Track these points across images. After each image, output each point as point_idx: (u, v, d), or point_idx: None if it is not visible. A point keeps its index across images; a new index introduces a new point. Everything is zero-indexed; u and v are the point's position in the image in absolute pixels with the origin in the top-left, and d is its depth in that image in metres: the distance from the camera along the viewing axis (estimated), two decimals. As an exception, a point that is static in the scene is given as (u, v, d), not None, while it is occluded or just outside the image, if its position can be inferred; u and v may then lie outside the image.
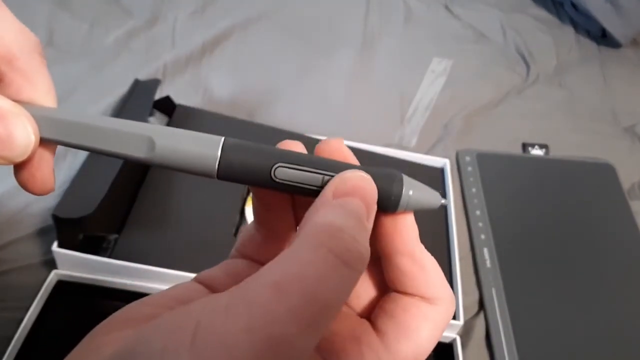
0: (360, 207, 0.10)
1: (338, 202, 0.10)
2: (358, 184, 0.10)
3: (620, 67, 0.57)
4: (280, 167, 0.11)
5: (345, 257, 0.09)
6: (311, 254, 0.08)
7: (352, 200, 0.10)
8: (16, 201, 0.35)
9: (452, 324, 0.31)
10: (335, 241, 0.09)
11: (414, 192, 0.11)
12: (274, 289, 0.08)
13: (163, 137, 0.11)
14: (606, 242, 0.39)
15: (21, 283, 0.31)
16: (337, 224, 0.09)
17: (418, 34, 0.58)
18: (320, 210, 0.10)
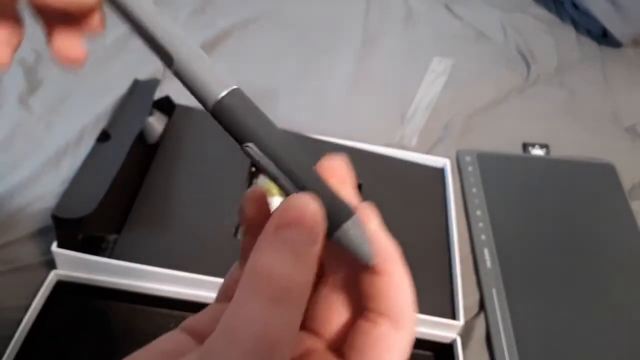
0: (298, 237, 0.10)
1: (276, 237, 0.10)
2: (299, 214, 0.10)
3: (621, 67, 0.57)
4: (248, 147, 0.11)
5: (279, 296, 0.09)
6: (248, 300, 0.09)
7: (290, 231, 0.10)
8: (16, 201, 0.35)
9: (453, 324, 0.31)
10: (266, 284, 0.09)
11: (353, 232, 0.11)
12: (225, 337, 0.09)
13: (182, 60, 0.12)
14: (607, 242, 0.39)
15: (20, 283, 0.31)
16: (267, 265, 0.09)
17: (418, 34, 0.58)
18: (258, 248, 0.10)
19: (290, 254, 0.10)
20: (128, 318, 0.30)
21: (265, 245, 0.10)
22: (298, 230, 0.10)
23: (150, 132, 0.37)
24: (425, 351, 0.31)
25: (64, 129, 0.41)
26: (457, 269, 0.34)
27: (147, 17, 0.12)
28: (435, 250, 0.36)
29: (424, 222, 0.37)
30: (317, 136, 0.41)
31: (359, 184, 0.38)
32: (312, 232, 0.10)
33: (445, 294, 0.33)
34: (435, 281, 0.34)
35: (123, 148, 0.32)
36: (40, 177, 0.37)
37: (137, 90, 0.38)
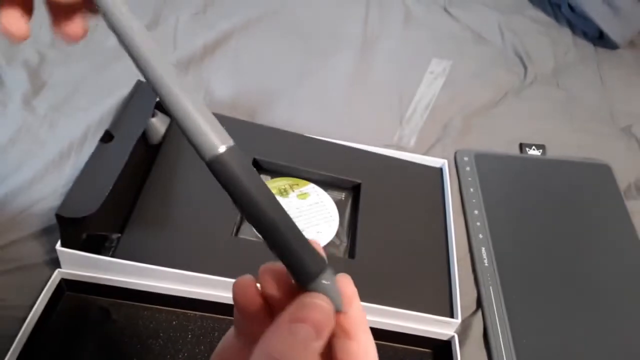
0: (308, 333, 0.11)
1: (289, 328, 0.12)
2: (311, 313, 0.12)
3: (617, 68, 0.57)
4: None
5: None
6: None
7: (302, 327, 0.11)
8: (20, 201, 0.36)
9: (450, 322, 0.31)
10: None
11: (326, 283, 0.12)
12: None
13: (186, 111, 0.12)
14: (603, 241, 0.39)
15: (25, 282, 0.31)
16: (279, 351, 0.11)
17: (417, 36, 0.58)
18: (271, 334, 0.12)
19: (300, 345, 0.11)
20: (131, 316, 0.31)
21: (278, 334, 0.11)
22: (308, 327, 0.11)
23: (153, 132, 0.37)
24: (423, 349, 0.32)
25: (67, 130, 0.41)
26: (455, 267, 0.34)
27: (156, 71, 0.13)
28: (433, 249, 0.36)
29: (422, 222, 0.38)
30: (317, 136, 0.41)
31: (358, 184, 0.39)
32: (319, 330, 0.12)
33: (443, 292, 0.34)
34: (433, 279, 0.34)
35: (126, 149, 0.33)
36: (44, 177, 0.38)
37: (139, 92, 0.39)
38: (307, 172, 0.38)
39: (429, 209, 0.39)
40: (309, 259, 0.12)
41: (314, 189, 0.38)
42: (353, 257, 0.34)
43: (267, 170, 0.39)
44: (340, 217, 0.36)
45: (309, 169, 0.38)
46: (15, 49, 0.48)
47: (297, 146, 0.40)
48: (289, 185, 0.38)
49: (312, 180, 0.39)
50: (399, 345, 0.32)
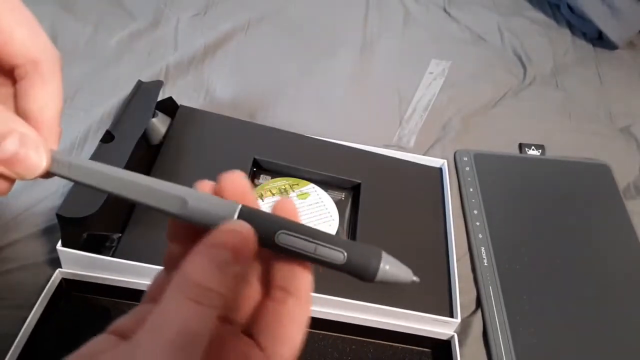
0: (225, 256, 0.12)
1: (207, 253, 0.12)
2: (230, 238, 0.12)
3: (616, 69, 0.57)
4: (282, 234, 0.13)
5: (200, 299, 0.11)
6: (173, 300, 0.11)
7: (219, 251, 0.12)
8: (21, 201, 0.36)
9: (450, 322, 0.31)
10: (190, 288, 0.11)
11: (390, 267, 0.13)
12: (151, 332, 0.11)
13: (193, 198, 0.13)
14: (602, 241, 0.39)
15: (26, 281, 0.31)
16: (194, 273, 0.12)
17: (417, 36, 0.58)
18: (190, 259, 0.12)
19: (215, 268, 0.12)
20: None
21: (197, 258, 0.12)
22: (225, 250, 0.12)
23: (154, 132, 0.38)
24: (423, 348, 0.32)
25: (68, 130, 0.41)
26: (455, 267, 0.34)
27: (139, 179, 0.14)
28: (433, 249, 0.36)
29: (422, 221, 0.38)
30: (317, 136, 0.41)
31: (358, 184, 0.39)
32: (236, 253, 0.12)
33: (443, 291, 0.34)
34: (433, 279, 0.34)
35: (127, 148, 0.33)
36: (45, 177, 0.38)
37: (140, 92, 0.39)
38: (307, 172, 0.38)
39: (429, 209, 0.39)
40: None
41: (314, 189, 0.38)
42: (353, 257, 0.34)
43: (267, 170, 0.39)
44: (340, 217, 0.37)
45: (309, 169, 0.38)
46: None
47: (297, 146, 0.40)
48: (289, 185, 0.38)
49: (312, 180, 0.39)
50: (399, 345, 0.32)
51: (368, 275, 0.13)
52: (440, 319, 0.31)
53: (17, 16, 0.13)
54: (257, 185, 0.38)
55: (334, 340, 0.31)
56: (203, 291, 0.11)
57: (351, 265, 0.13)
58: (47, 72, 0.14)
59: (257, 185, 0.38)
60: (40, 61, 0.13)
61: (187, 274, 0.12)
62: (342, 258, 0.13)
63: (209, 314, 0.12)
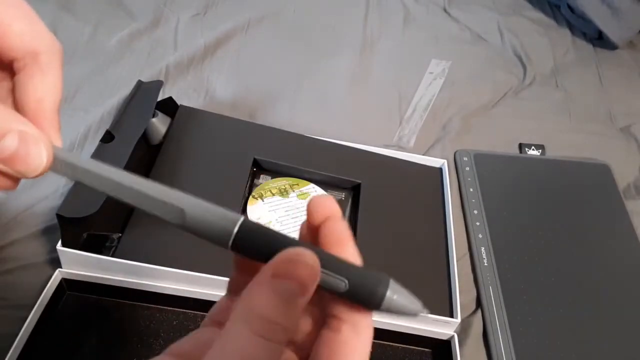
0: (293, 290, 0.11)
1: (271, 284, 0.11)
2: (297, 270, 0.11)
3: (616, 69, 0.57)
4: None
5: (267, 334, 0.11)
6: (239, 333, 0.11)
7: (284, 282, 0.11)
8: (21, 200, 0.36)
9: (450, 322, 0.31)
10: (257, 322, 0.11)
11: (397, 297, 0.12)
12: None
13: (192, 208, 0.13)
14: (602, 241, 0.39)
15: (26, 281, 0.31)
16: (260, 306, 0.11)
17: (417, 36, 0.58)
18: (253, 290, 0.11)
19: (281, 301, 0.11)
20: (131, 315, 0.31)
21: (261, 289, 0.11)
22: (292, 282, 0.11)
23: (154, 132, 0.38)
24: (423, 348, 0.32)
25: (68, 130, 0.41)
26: (455, 267, 0.34)
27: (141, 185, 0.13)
28: (433, 249, 0.36)
29: (422, 221, 0.38)
30: (317, 136, 0.41)
31: (358, 184, 0.39)
32: (303, 285, 0.11)
33: (443, 291, 0.34)
34: (433, 279, 0.34)
35: (127, 148, 0.33)
36: (45, 177, 0.37)
37: (140, 92, 0.39)
38: (307, 172, 0.38)
39: (429, 209, 0.39)
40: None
41: (314, 189, 0.38)
42: (353, 257, 0.34)
43: (267, 170, 0.39)
44: (340, 217, 0.37)
45: (309, 169, 0.38)
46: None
47: (297, 146, 0.40)
48: (289, 185, 0.38)
49: (312, 180, 0.39)
50: (399, 345, 0.32)
51: (373, 303, 0.12)
52: (440, 319, 0.31)
53: (14, 8, 0.13)
54: (257, 185, 0.38)
55: (334, 340, 0.31)
56: (269, 325, 0.11)
57: (355, 292, 0.12)
58: (45, 63, 0.13)
59: (257, 185, 0.38)
60: (39, 52, 0.13)
61: (253, 306, 0.11)
62: (344, 286, 0.12)
63: (274, 349, 0.11)
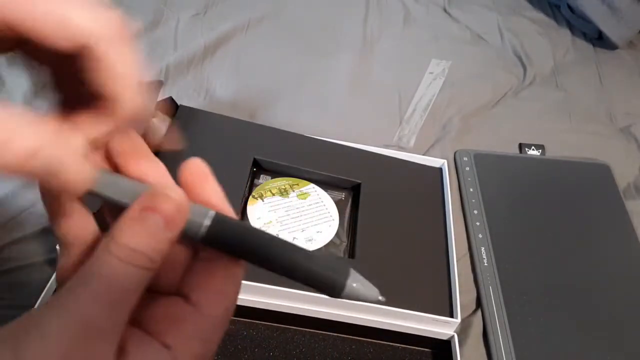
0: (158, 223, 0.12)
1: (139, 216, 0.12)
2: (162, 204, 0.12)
3: (616, 69, 0.57)
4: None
5: (129, 259, 0.11)
6: (104, 260, 0.11)
7: (152, 216, 0.12)
8: (21, 200, 0.36)
9: (450, 322, 0.31)
10: (121, 250, 0.11)
11: (356, 285, 0.13)
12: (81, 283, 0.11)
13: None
14: (602, 241, 0.39)
15: (26, 281, 0.31)
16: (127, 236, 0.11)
17: (417, 36, 0.58)
18: (121, 222, 0.12)
19: (147, 233, 0.12)
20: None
21: (128, 222, 0.12)
22: (158, 217, 0.12)
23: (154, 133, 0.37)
24: (423, 348, 0.32)
25: (67, 130, 0.41)
26: (455, 267, 0.34)
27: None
28: (433, 249, 0.36)
29: (422, 221, 0.38)
30: (317, 136, 0.41)
31: (358, 184, 0.39)
32: (169, 219, 0.12)
33: (443, 291, 0.34)
34: (433, 279, 0.34)
35: (127, 148, 0.33)
36: (45, 177, 0.38)
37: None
38: (307, 172, 0.38)
39: (429, 209, 0.39)
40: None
41: (314, 189, 0.38)
42: (353, 257, 0.34)
43: (267, 170, 0.39)
44: (340, 217, 0.37)
45: (309, 169, 0.38)
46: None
47: (297, 146, 0.40)
48: (289, 185, 0.38)
49: (312, 180, 0.39)
50: (399, 345, 0.32)
51: (334, 292, 0.13)
52: (440, 319, 0.31)
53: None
54: (257, 185, 0.38)
55: (334, 340, 0.31)
56: (132, 253, 0.11)
57: (316, 279, 0.13)
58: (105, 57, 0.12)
59: (257, 185, 0.38)
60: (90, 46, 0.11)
61: (120, 236, 0.11)
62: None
63: (138, 275, 0.11)
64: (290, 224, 0.35)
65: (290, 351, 0.30)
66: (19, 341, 0.11)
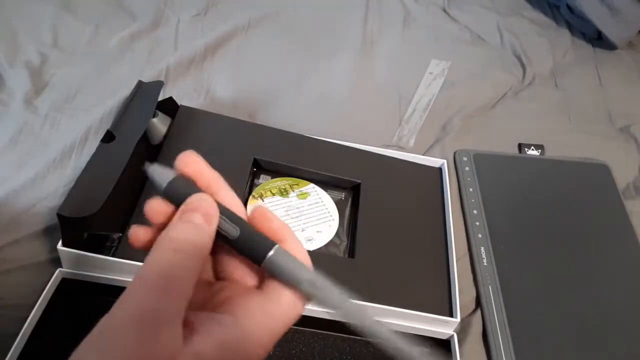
0: (199, 218, 0.15)
1: (182, 217, 0.15)
2: (200, 204, 0.15)
3: (616, 69, 0.57)
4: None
5: (179, 248, 0.14)
6: (159, 251, 0.14)
7: (194, 214, 0.15)
8: (22, 200, 0.36)
9: (450, 321, 0.31)
10: (171, 241, 0.14)
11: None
12: (138, 279, 0.13)
13: None
14: (601, 241, 0.39)
15: (26, 281, 0.31)
16: (174, 231, 0.14)
17: (416, 36, 0.59)
18: (169, 226, 0.15)
19: (193, 228, 0.14)
20: (132, 315, 0.31)
21: (174, 224, 0.15)
22: (199, 214, 0.15)
23: (154, 133, 0.38)
24: (423, 347, 0.32)
25: (69, 130, 0.42)
26: (454, 266, 0.34)
27: None
28: (432, 249, 0.36)
29: (422, 221, 0.38)
30: (317, 136, 0.42)
31: (358, 184, 0.39)
32: (206, 214, 0.15)
33: (443, 291, 0.34)
34: (433, 279, 0.34)
35: (127, 149, 0.33)
36: (46, 177, 0.38)
37: (141, 92, 0.39)
38: (307, 172, 0.38)
39: (429, 209, 0.39)
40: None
41: (314, 188, 0.38)
42: (353, 257, 0.34)
43: (267, 170, 0.39)
44: (340, 217, 0.37)
45: (309, 169, 0.38)
46: (17, 49, 0.49)
47: (297, 146, 0.40)
48: (289, 185, 0.38)
49: (312, 180, 0.39)
50: (398, 344, 0.32)
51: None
52: (440, 318, 0.31)
53: None
54: (257, 185, 0.38)
55: (334, 339, 0.31)
56: (181, 241, 0.14)
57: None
58: None
59: (257, 185, 0.38)
60: None
61: (167, 232, 0.14)
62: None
63: (189, 262, 0.13)
64: (290, 224, 0.35)
65: (290, 350, 0.30)
66: (100, 343, 0.12)
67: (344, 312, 0.15)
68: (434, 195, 0.40)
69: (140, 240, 0.16)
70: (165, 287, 0.13)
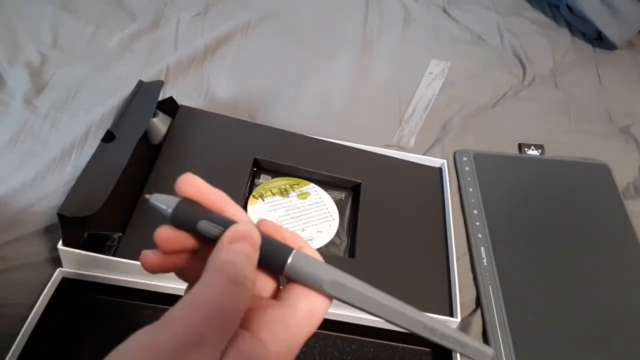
0: (247, 247, 0.14)
1: (230, 245, 0.14)
2: (246, 233, 0.15)
3: (616, 69, 0.58)
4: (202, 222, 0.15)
5: (237, 279, 0.13)
6: (213, 280, 0.13)
7: (242, 244, 0.14)
8: (22, 199, 0.36)
9: (450, 321, 0.31)
10: (228, 269, 0.13)
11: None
12: (188, 306, 0.13)
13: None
14: (601, 241, 0.39)
15: (26, 280, 0.31)
16: (228, 258, 0.14)
17: (416, 37, 0.59)
18: (219, 251, 0.14)
19: (243, 256, 0.14)
20: (132, 315, 0.31)
21: (224, 250, 0.14)
22: (246, 243, 0.14)
23: (154, 132, 0.38)
24: (423, 347, 0.32)
25: (69, 130, 0.42)
26: (454, 266, 0.34)
27: None
28: (433, 249, 0.36)
29: (422, 221, 0.38)
30: (317, 136, 0.42)
31: (358, 184, 0.39)
32: (254, 244, 0.15)
33: (443, 291, 0.34)
34: (433, 279, 0.34)
35: (127, 148, 0.33)
36: (46, 176, 0.38)
37: (141, 92, 0.39)
38: (307, 172, 0.38)
39: (429, 209, 0.39)
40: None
41: (314, 188, 0.38)
42: (353, 257, 0.34)
43: (267, 170, 0.39)
44: (340, 217, 0.37)
45: (309, 169, 0.38)
46: (17, 49, 0.49)
47: (297, 146, 0.40)
48: (289, 185, 0.38)
49: (312, 180, 0.39)
50: (399, 344, 0.32)
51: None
52: (440, 318, 0.31)
53: None
54: (257, 185, 0.38)
55: (334, 339, 0.31)
56: (238, 272, 0.13)
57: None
58: None
59: (258, 185, 0.38)
60: None
61: (220, 259, 0.14)
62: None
63: (245, 294, 0.13)
64: (291, 224, 0.35)
65: (291, 350, 0.30)
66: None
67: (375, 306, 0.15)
68: (434, 195, 0.40)
69: (152, 262, 0.16)
70: (219, 321, 0.12)
